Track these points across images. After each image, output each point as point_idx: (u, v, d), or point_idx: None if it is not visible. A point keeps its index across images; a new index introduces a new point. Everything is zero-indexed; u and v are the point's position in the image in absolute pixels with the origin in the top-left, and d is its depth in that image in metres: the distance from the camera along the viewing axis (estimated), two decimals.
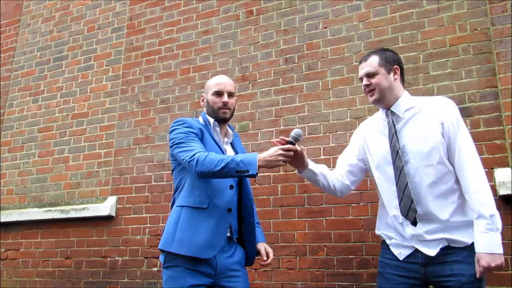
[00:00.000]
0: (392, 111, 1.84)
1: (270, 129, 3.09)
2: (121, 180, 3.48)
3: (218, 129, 2.05)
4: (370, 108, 2.82)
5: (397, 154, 1.75)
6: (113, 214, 3.37)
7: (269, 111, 3.14)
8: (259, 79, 3.24)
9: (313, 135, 2.94)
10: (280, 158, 1.75)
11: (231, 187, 1.95)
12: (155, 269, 3.12)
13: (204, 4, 3.63)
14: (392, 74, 1.86)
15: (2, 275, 3.64)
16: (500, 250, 1.57)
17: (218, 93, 2.02)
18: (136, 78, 3.71)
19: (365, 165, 1.98)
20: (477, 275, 1.61)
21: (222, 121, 2.06)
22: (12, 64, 4.40)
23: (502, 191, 2.31)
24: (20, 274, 3.58)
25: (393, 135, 1.78)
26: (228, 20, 3.49)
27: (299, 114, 3.03)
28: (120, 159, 3.54)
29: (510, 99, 2.46)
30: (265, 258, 2.05)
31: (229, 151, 2.08)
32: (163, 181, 3.30)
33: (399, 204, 1.73)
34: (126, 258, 3.25)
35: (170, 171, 3.31)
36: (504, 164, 2.41)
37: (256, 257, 2.08)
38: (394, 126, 1.80)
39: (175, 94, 3.50)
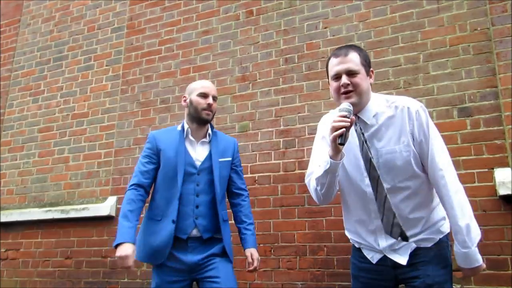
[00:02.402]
0: (359, 117, 1.66)
1: (270, 129, 3.09)
2: (121, 180, 3.48)
3: (189, 135, 2.13)
4: None
5: (370, 163, 1.61)
6: (113, 214, 3.37)
7: (269, 111, 3.14)
8: (259, 79, 3.24)
9: (313, 135, 2.92)
10: (117, 260, 1.87)
11: (179, 198, 2.02)
12: None
13: (204, 4, 3.63)
14: (368, 77, 1.67)
15: (2, 275, 3.64)
16: (478, 263, 1.54)
17: (204, 95, 2.10)
18: (136, 78, 3.71)
19: None
20: (462, 276, 1.62)
21: (202, 122, 2.12)
22: (12, 64, 4.40)
23: (502, 191, 2.31)
24: (20, 274, 3.58)
25: (363, 144, 1.63)
26: (228, 20, 3.49)
27: (299, 114, 3.03)
28: (120, 159, 3.54)
29: (510, 99, 2.46)
30: (249, 262, 2.06)
31: (202, 151, 2.12)
32: None
33: (381, 219, 1.63)
34: None
35: None
36: (504, 164, 2.41)
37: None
38: (363, 134, 1.64)
39: (175, 94, 3.50)
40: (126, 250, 1.86)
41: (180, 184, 2.02)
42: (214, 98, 2.14)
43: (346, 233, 1.84)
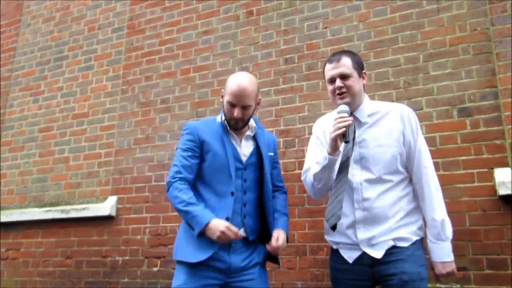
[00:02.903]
0: (354, 116, 1.81)
1: (270, 129, 3.09)
2: (121, 180, 3.48)
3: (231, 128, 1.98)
4: None
5: (346, 160, 1.73)
6: (114, 214, 3.37)
7: (269, 111, 3.14)
8: (259, 79, 3.24)
9: None
10: (220, 235, 1.67)
11: (232, 194, 1.87)
12: (155, 269, 3.13)
13: (204, 4, 3.63)
14: (361, 79, 1.84)
15: (3, 275, 3.65)
16: (450, 258, 1.69)
17: (231, 104, 1.91)
18: (136, 78, 3.71)
19: None
20: (434, 279, 1.74)
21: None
22: (12, 64, 4.41)
23: (502, 191, 2.32)
24: (21, 274, 3.58)
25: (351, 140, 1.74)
26: (228, 20, 3.50)
27: (299, 114, 3.03)
28: (120, 159, 3.55)
29: (509, 99, 2.46)
30: (273, 243, 1.87)
31: (246, 145, 1.98)
32: (163, 181, 3.30)
33: (328, 206, 1.75)
34: (127, 258, 3.25)
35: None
36: (503, 164, 2.41)
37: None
38: (354, 132, 1.75)
39: (175, 94, 3.50)
40: (220, 222, 1.69)
41: (234, 178, 1.86)
42: (244, 107, 1.90)
43: (326, 236, 1.91)
